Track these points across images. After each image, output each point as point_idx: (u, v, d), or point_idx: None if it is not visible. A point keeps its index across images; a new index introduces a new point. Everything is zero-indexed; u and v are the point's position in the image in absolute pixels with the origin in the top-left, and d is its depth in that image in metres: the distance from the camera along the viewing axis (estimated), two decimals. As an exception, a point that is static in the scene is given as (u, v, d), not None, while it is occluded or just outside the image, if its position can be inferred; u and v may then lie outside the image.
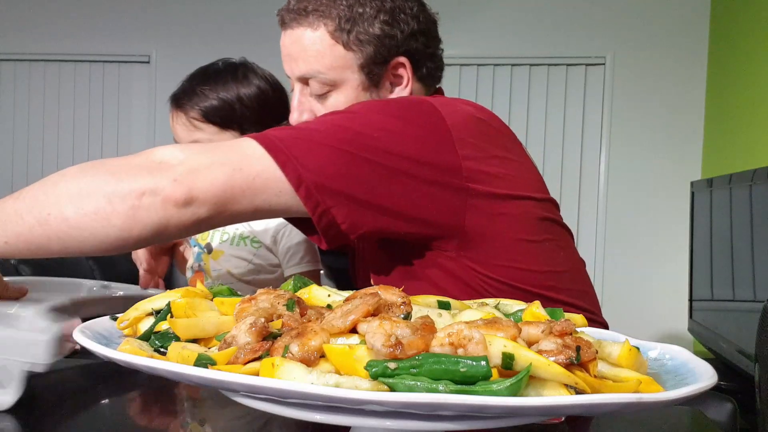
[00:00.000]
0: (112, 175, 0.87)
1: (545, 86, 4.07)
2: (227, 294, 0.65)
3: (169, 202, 0.87)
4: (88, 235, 0.85)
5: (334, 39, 1.08)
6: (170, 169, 0.88)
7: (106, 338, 0.59)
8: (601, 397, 0.42)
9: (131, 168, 0.88)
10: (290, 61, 1.13)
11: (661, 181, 3.93)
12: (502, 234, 1.03)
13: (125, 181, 0.87)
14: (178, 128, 1.23)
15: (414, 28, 1.10)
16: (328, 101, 1.10)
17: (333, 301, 0.59)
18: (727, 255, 2.04)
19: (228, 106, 1.22)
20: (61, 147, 4.70)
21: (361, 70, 1.09)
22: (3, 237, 0.84)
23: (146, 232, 0.88)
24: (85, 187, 0.86)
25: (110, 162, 0.91)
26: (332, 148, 0.92)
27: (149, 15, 4.54)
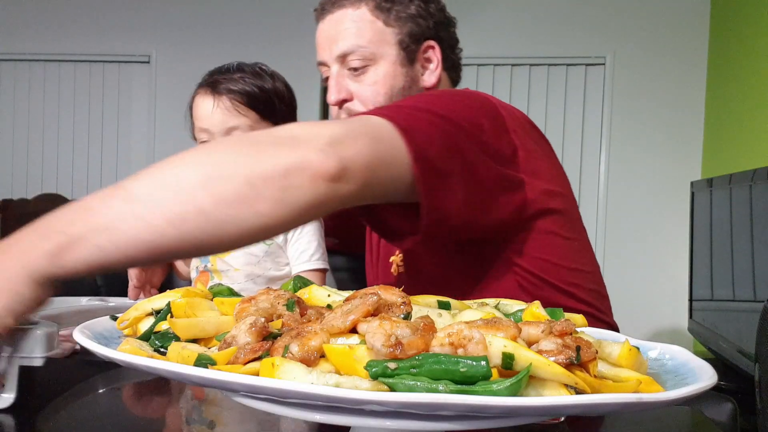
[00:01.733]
0: (246, 155, 0.76)
1: (545, 86, 4.07)
2: (227, 294, 0.65)
3: (319, 176, 0.77)
4: (231, 228, 0.74)
5: (374, 15, 1.15)
6: (310, 141, 0.79)
7: (106, 338, 0.59)
8: (601, 397, 0.42)
9: (264, 145, 0.78)
10: (329, 44, 1.18)
11: (661, 181, 3.93)
12: (542, 227, 1.07)
13: (264, 159, 0.76)
14: (218, 113, 1.19)
15: (442, 19, 1.20)
16: (366, 76, 1.16)
17: (333, 301, 0.59)
18: (727, 255, 2.04)
19: (268, 97, 1.24)
20: (61, 147, 4.70)
21: (398, 46, 1.16)
22: (112, 245, 0.68)
23: (294, 215, 0.77)
24: (215, 172, 0.74)
25: (230, 141, 0.82)
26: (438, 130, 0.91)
27: (149, 15, 4.54)
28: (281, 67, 1.37)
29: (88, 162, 4.69)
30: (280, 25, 4.37)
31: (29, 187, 4.60)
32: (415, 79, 1.18)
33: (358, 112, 1.13)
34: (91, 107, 4.67)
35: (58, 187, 4.54)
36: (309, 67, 4.78)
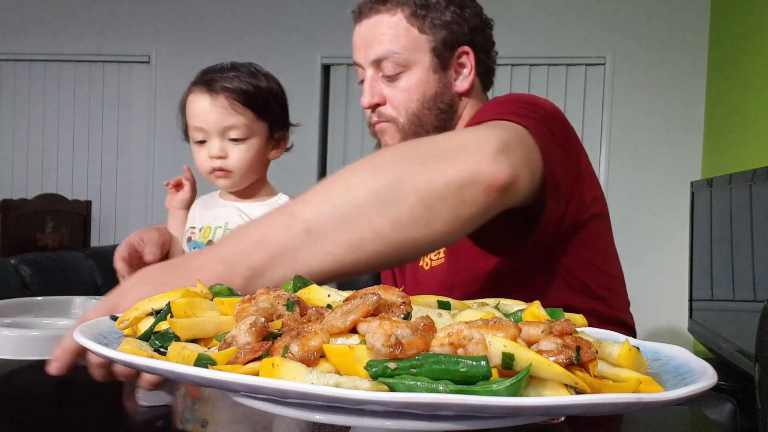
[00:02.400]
0: (415, 171, 0.75)
1: (545, 86, 4.07)
2: (227, 294, 0.65)
3: (492, 188, 0.77)
4: (409, 249, 0.73)
5: (409, 23, 1.17)
6: (479, 149, 0.78)
7: (106, 338, 0.59)
8: (601, 397, 0.42)
9: (431, 158, 0.77)
10: (365, 48, 1.19)
11: (661, 181, 3.93)
12: (594, 229, 1.11)
13: (436, 176, 0.75)
14: (215, 112, 1.19)
15: (477, 24, 1.21)
16: (400, 82, 1.18)
17: (333, 301, 0.59)
18: (727, 255, 2.04)
19: (263, 96, 1.23)
20: (61, 147, 4.71)
21: (432, 53, 1.17)
22: (292, 274, 0.66)
23: (465, 228, 0.77)
24: (388, 193, 0.73)
25: (394, 155, 0.80)
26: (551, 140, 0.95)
27: (149, 15, 4.54)
28: (281, 67, 1.37)
29: (88, 162, 4.70)
30: (280, 25, 4.37)
31: (29, 187, 4.61)
32: (448, 85, 1.20)
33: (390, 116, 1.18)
34: (91, 107, 4.67)
35: (58, 187, 4.54)
36: (309, 67, 4.80)
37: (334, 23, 4.18)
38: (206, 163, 1.22)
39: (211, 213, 1.27)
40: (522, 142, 0.87)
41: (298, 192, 1.38)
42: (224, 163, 1.20)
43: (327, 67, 4.38)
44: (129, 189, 4.67)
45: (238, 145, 1.21)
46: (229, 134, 1.20)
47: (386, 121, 1.20)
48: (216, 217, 1.25)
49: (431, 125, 1.19)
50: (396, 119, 1.19)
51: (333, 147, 4.42)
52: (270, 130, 1.25)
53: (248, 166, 1.22)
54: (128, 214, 4.62)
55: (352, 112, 4.32)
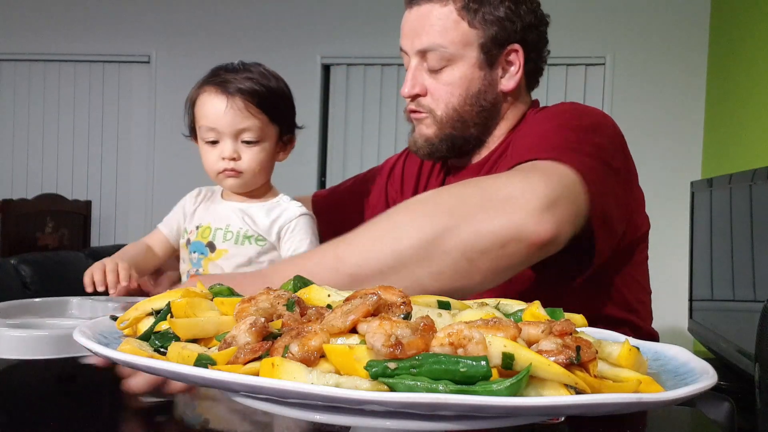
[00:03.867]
0: (460, 221, 0.77)
1: (545, 86, 4.07)
2: (227, 294, 0.65)
3: (535, 245, 0.79)
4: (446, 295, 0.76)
5: (460, 16, 1.13)
6: (526, 204, 0.80)
7: (106, 338, 0.59)
8: (601, 397, 0.42)
9: (477, 207, 0.79)
10: (413, 36, 1.16)
11: (661, 181, 3.93)
12: (642, 249, 1.13)
13: (480, 228, 0.77)
14: (230, 114, 1.17)
15: (531, 21, 1.16)
16: (443, 76, 1.14)
17: (333, 301, 0.59)
18: (727, 255, 2.04)
19: (276, 99, 1.22)
20: (61, 147, 4.71)
21: (480, 49, 1.14)
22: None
23: (503, 279, 0.80)
24: (431, 245, 0.76)
25: (438, 200, 0.81)
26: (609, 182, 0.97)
27: (149, 15, 4.54)
28: (281, 67, 1.36)
29: (88, 162, 4.70)
30: (280, 25, 4.37)
31: (29, 187, 4.61)
32: (493, 83, 1.16)
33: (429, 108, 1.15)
34: (91, 107, 4.68)
35: (58, 187, 4.54)
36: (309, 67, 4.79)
37: (334, 23, 4.18)
38: (217, 164, 1.21)
39: (212, 212, 1.25)
40: (571, 193, 0.87)
41: (298, 191, 1.38)
42: (236, 165, 1.20)
43: (327, 67, 4.38)
44: (129, 189, 4.67)
45: (250, 148, 1.19)
46: (242, 136, 1.19)
47: (424, 112, 1.17)
48: (217, 217, 1.24)
49: (471, 122, 1.16)
50: (434, 111, 1.16)
51: (333, 147, 4.42)
52: (280, 133, 1.23)
53: (260, 169, 1.21)
54: (128, 214, 4.62)
55: (352, 112, 4.32)
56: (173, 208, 1.30)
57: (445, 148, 1.17)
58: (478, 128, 1.17)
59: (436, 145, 1.17)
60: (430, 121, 1.16)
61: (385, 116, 4.24)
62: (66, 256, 3.62)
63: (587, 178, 0.91)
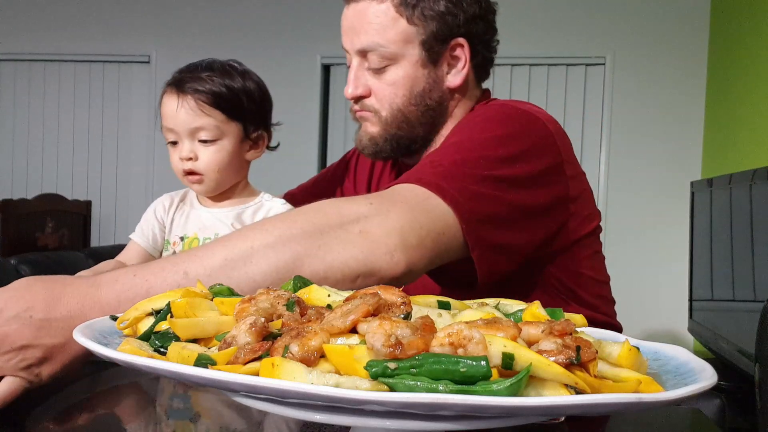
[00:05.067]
0: (313, 252, 0.77)
1: (545, 86, 4.07)
2: (227, 294, 0.65)
3: (386, 280, 0.81)
4: None
5: (398, 12, 1.08)
6: (380, 240, 0.81)
7: (106, 338, 0.59)
8: (601, 397, 0.42)
9: (332, 237, 0.79)
10: (351, 34, 1.12)
11: (661, 181, 3.93)
12: (586, 245, 1.11)
13: (334, 260, 0.78)
14: (182, 113, 1.16)
15: (476, 12, 1.11)
16: (386, 76, 1.10)
17: (333, 301, 0.59)
18: (727, 255, 2.04)
19: (236, 96, 1.19)
20: (61, 147, 4.71)
21: (421, 46, 1.09)
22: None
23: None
24: (282, 270, 0.76)
25: (299, 224, 0.80)
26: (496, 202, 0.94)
27: (149, 15, 4.54)
28: (281, 67, 1.36)
29: (88, 162, 4.70)
30: (280, 25, 4.37)
31: (29, 187, 4.61)
32: (438, 80, 1.12)
33: (373, 108, 1.12)
34: (91, 107, 4.67)
35: (58, 187, 4.54)
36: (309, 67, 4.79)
37: (334, 23, 4.16)
38: (178, 165, 1.20)
39: (194, 221, 1.22)
40: (431, 226, 0.86)
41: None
42: (194, 165, 1.18)
43: (327, 67, 4.38)
44: (129, 189, 4.66)
45: (207, 147, 1.17)
46: (198, 135, 1.17)
47: (368, 111, 1.14)
48: (203, 226, 1.21)
49: (417, 122, 1.13)
50: (379, 112, 1.12)
51: (333, 147, 4.42)
52: (245, 130, 1.20)
53: (219, 168, 1.18)
54: (128, 214, 4.62)
55: (352, 112, 4.32)
56: (143, 217, 1.27)
57: (390, 148, 1.14)
58: (425, 128, 1.14)
59: (380, 145, 1.14)
60: (375, 120, 1.13)
61: (385, 116, 4.25)
62: (66, 256, 3.62)
63: (463, 209, 0.89)
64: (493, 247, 0.94)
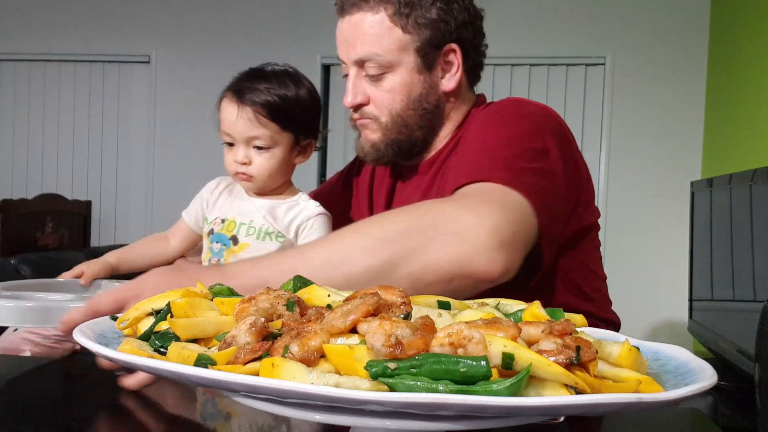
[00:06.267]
0: (412, 250, 0.81)
1: (545, 86, 4.07)
2: (227, 294, 0.65)
3: (482, 281, 0.82)
4: None
5: (393, 22, 1.12)
6: (477, 239, 0.82)
7: (106, 338, 0.59)
8: (601, 397, 0.42)
9: (428, 238, 0.82)
10: (347, 46, 1.16)
11: (661, 181, 3.93)
12: (592, 237, 1.14)
13: (429, 260, 0.80)
14: (241, 122, 1.24)
15: (465, 18, 1.16)
16: (384, 83, 1.14)
17: (333, 301, 0.59)
18: (727, 255, 2.04)
19: (290, 108, 1.26)
20: (61, 147, 4.71)
21: (416, 53, 1.13)
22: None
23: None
24: (383, 268, 0.79)
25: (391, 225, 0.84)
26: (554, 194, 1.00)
27: (149, 15, 4.54)
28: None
29: (88, 162, 4.70)
30: (280, 25, 4.37)
31: (29, 187, 4.61)
32: (434, 85, 1.16)
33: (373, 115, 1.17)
34: (91, 107, 4.67)
35: (58, 187, 4.54)
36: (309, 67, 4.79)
37: (334, 23, 4.17)
38: (232, 166, 1.28)
39: (237, 206, 1.31)
40: (521, 225, 0.89)
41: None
42: (247, 169, 1.26)
43: (327, 67, 4.37)
44: (129, 189, 4.66)
45: (261, 154, 1.25)
46: (253, 143, 1.25)
47: (368, 119, 1.18)
48: (242, 212, 1.30)
49: (416, 125, 1.17)
50: (378, 118, 1.17)
51: (333, 147, 4.42)
52: (295, 139, 1.28)
53: (270, 174, 1.27)
54: (128, 214, 4.62)
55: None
56: (195, 197, 1.37)
57: (392, 152, 1.19)
58: (423, 131, 1.18)
59: (382, 151, 1.19)
60: (375, 126, 1.18)
61: (385, 116, 4.25)
62: (66, 256, 3.62)
63: (536, 202, 0.93)
64: (552, 237, 0.98)
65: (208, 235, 1.31)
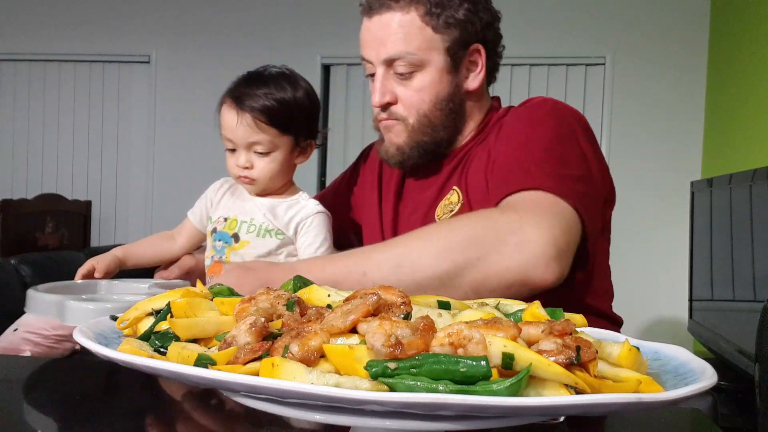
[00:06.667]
0: (475, 257, 0.88)
1: (545, 86, 4.07)
2: (227, 294, 0.65)
3: (538, 288, 0.88)
4: None
5: (424, 22, 1.14)
6: (537, 249, 0.89)
7: (106, 338, 0.59)
8: (601, 397, 0.42)
9: (491, 244, 0.89)
10: (377, 45, 1.17)
11: (661, 181, 3.93)
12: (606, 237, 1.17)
13: (491, 267, 0.87)
14: (241, 128, 1.27)
15: (488, 19, 1.19)
16: (413, 82, 1.16)
17: (333, 301, 0.59)
18: (727, 255, 2.04)
19: (287, 110, 1.28)
20: (61, 147, 4.70)
21: (446, 53, 1.16)
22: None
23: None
24: (446, 275, 0.87)
25: (461, 233, 0.91)
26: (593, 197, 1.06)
27: (149, 15, 4.54)
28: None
29: (88, 162, 4.69)
30: (280, 25, 4.37)
31: (29, 187, 4.60)
32: (460, 84, 1.19)
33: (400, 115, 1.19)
34: (91, 107, 4.67)
35: (58, 187, 4.54)
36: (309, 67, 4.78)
37: (334, 23, 4.17)
38: (234, 170, 1.31)
39: (239, 205, 1.34)
40: (573, 234, 0.96)
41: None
42: (249, 173, 1.29)
43: (327, 67, 4.37)
44: (129, 189, 4.66)
45: (262, 158, 1.29)
46: (254, 148, 1.28)
47: (394, 119, 1.19)
48: (244, 211, 1.33)
49: (441, 125, 1.18)
50: (406, 119, 1.18)
51: (333, 147, 4.41)
52: (295, 140, 1.31)
53: (271, 177, 1.30)
54: (128, 214, 4.62)
55: (352, 112, 4.32)
56: (201, 196, 1.41)
57: (417, 155, 1.20)
58: (448, 131, 1.20)
59: (407, 153, 1.20)
60: (401, 128, 1.19)
61: (385, 116, 4.25)
62: (66, 256, 3.62)
63: (582, 209, 0.99)
64: (595, 239, 1.04)
65: (211, 233, 1.34)
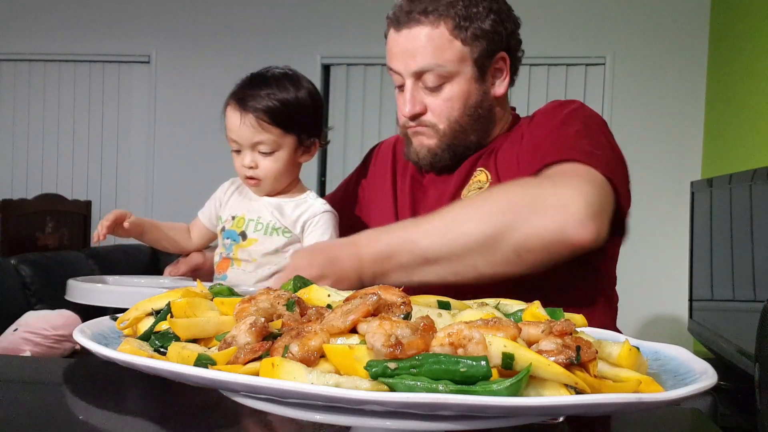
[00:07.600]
0: (514, 225, 0.94)
1: (545, 86, 4.07)
2: (227, 294, 0.65)
3: (576, 248, 0.94)
4: (494, 277, 0.95)
5: (453, 35, 1.17)
6: (573, 210, 0.94)
7: (106, 338, 0.59)
8: (601, 397, 0.42)
9: (529, 210, 0.95)
10: (406, 58, 1.19)
11: (661, 181, 3.93)
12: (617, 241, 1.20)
13: (531, 230, 0.94)
14: (245, 129, 1.29)
15: (512, 28, 1.24)
16: (442, 93, 1.19)
17: (333, 301, 0.59)
18: (727, 255, 2.04)
19: (291, 111, 1.31)
20: (61, 147, 4.70)
21: (474, 63, 1.19)
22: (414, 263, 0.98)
23: (543, 269, 0.96)
24: (490, 238, 0.94)
25: (498, 199, 0.99)
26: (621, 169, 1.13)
27: (149, 15, 4.54)
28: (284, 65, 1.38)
29: (88, 162, 4.69)
30: (280, 25, 4.37)
31: (29, 187, 4.60)
32: (487, 92, 1.22)
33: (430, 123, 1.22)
34: (91, 107, 4.67)
35: (58, 187, 4.54)
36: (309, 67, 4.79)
37: (334, 23, 4.18)
38: (240, 171, 1.34)
39: (247, 204, 1.37)
40: (607, 198, 1.01)
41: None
42: (255, 173, 1.32)
43: (327, 67, 4.37)
44: (129, 189, 4.66)
45: (266, 158, 1.31)
46: (259, 148, 1.30)
47: (424, 126, 1.22)
48: (251, 209, 1.35)
49: (471, 130, 1.21)
50: (436, 125, 1.21)
51: (333, 146, 4.41)
52: (299, 140, 1.33)
53: (276, 176, 1.32)
54: (128, 214, 4.61)
55: (352, 112, 4.32)
56: (211, 196, 1.45)
57: (448, 156, 1.23)
58: (477, 134, 1.23)
59: (439, 155, 1.23)
60: (432, 132, 1.21)
61: (385, 116, 4.24)
62: (66, 256, 3.62)
63: (615, 181, 1.04)
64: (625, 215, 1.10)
65: (221, 232, 1.37)
